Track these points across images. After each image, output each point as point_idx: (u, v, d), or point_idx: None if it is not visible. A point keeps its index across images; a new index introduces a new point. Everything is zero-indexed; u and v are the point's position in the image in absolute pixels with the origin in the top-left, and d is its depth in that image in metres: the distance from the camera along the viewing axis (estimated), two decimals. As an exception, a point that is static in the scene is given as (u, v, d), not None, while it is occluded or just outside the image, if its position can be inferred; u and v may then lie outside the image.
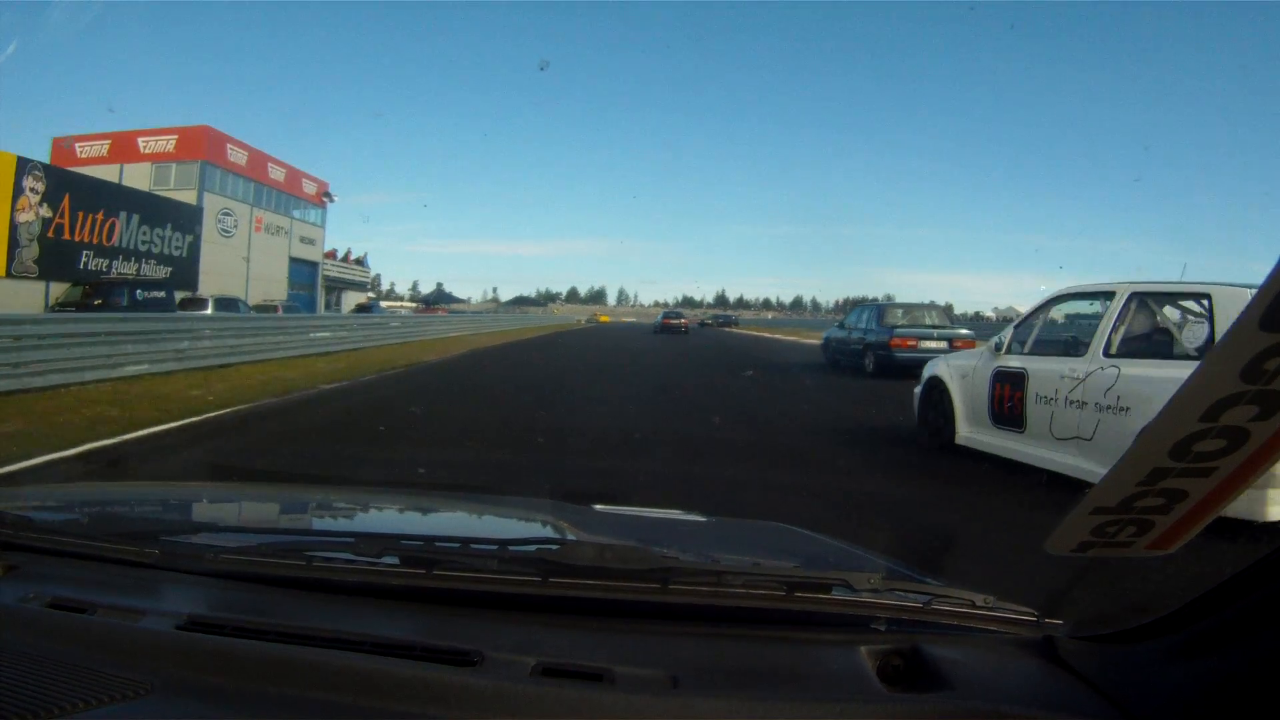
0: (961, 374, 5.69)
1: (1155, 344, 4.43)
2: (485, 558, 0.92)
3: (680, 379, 12.65)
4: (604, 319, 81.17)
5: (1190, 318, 4.53)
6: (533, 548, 0.96)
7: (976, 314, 65.60)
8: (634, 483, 4.61)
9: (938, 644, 0.82)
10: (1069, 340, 5.03)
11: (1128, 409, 4.08)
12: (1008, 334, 5.40)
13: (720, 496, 4.32)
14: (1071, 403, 4.48)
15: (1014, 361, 5.14)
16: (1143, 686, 0.69)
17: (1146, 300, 4.51)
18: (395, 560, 0.94)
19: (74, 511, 1.18)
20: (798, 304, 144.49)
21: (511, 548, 0.94)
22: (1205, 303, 4.12)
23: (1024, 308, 6.08)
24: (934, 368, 6.19)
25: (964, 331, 12.84)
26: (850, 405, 9.23)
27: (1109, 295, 4.62)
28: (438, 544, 0.97)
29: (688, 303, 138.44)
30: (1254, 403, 0.52)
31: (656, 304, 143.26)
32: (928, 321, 12.96)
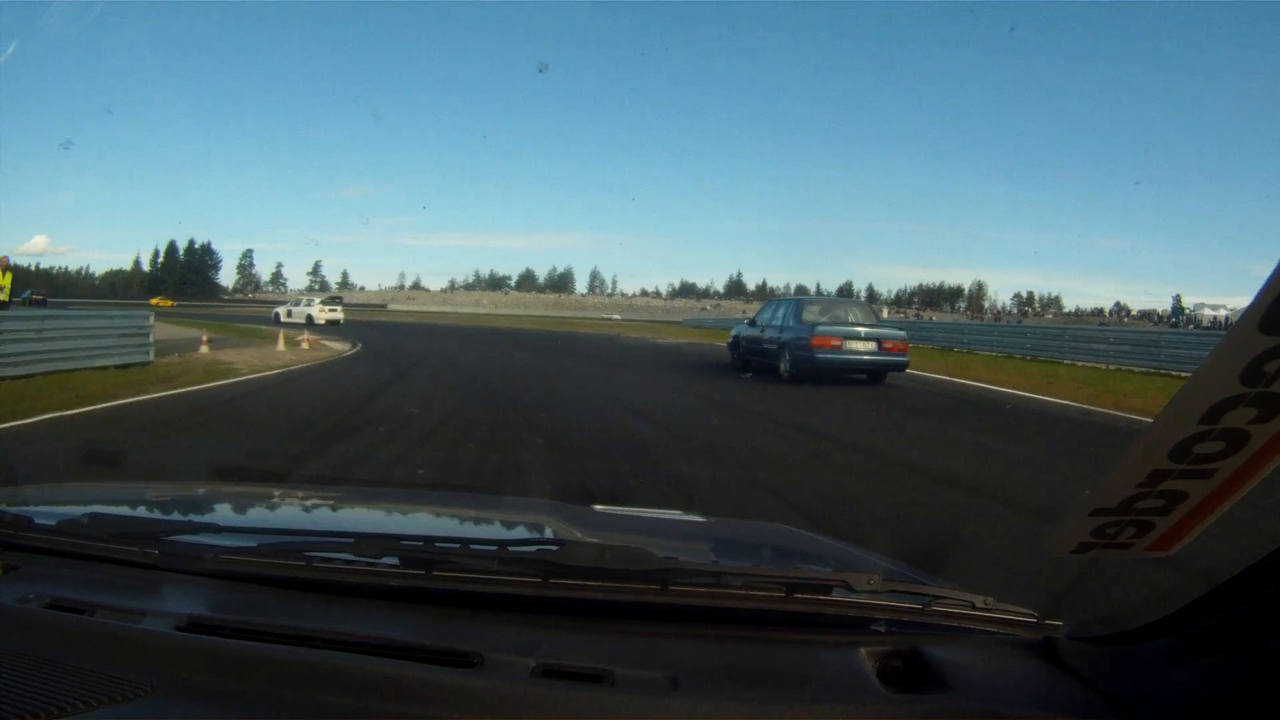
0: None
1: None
2: (485, 558, 0.92)
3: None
4: (162, 302, 35.03)
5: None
6: (533, 548, 0.95)
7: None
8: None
9: (938, 645, 0.82)
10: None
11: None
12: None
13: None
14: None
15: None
16: (1143, 688, 0.69)
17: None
18: (395, 561, 0.94)
19: (73, 511, 1.17)
20: (846, 293, 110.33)
21: (511, 548, 0.94)
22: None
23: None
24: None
25: (896, 332, 11.46)
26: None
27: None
28: (437, 545, 0.97)
29: (687, 290, 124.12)
30: (1253, 405, 0.53)
31: (644, 293, 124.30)
32: (850, 319, 11.41)
